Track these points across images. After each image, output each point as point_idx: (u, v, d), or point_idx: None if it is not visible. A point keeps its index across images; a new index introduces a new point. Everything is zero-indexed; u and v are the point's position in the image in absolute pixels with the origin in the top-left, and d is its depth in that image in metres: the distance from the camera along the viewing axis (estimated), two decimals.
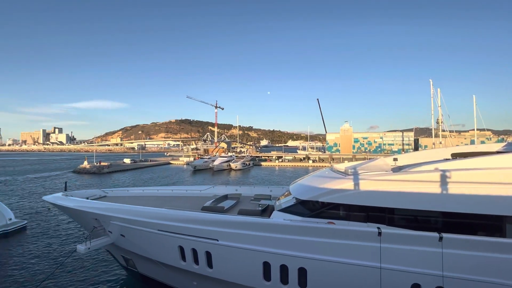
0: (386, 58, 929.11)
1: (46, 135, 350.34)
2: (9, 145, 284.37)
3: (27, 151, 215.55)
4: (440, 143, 41.73)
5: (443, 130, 42.06)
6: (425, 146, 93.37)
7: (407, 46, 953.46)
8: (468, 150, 10.56)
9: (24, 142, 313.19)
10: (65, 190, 12.27)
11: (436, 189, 6.78)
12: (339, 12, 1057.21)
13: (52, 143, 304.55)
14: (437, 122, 42.68)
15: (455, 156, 10.27)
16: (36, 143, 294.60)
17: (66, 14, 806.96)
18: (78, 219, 12.00)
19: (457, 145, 13.60)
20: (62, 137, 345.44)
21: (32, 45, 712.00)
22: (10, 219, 18.76)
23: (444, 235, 6.20)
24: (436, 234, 6.25)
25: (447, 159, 9.30)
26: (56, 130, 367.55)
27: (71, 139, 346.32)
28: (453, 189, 6.65)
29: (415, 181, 7.05)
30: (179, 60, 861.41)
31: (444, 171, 6.92)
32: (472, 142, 75.16)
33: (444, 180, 6.77)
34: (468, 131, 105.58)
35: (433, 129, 45.24)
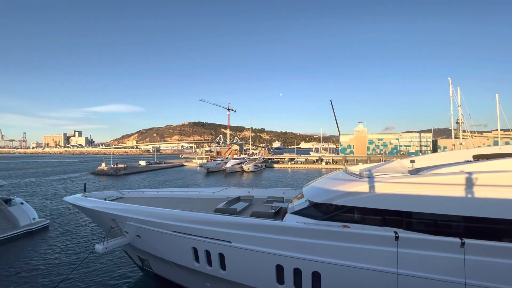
0: (402, 57, 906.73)
1: (67, 138, 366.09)
2: (33, 148, 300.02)
3: (50, 153, 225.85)
4: (461, 144, 39.95)
5: (464, 131, 40.22)
6: (445, 148, 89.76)
7: (424, 44, 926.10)
8: (492, 152, 10.12)
9: (47, 145, 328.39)
10: (84, 191, 12.73)
11: (457, 192, 6.48)
12: (352, 10, 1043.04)
13: (72, 146, 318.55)
14: (457, 122, 40.84)
15: (478, 157, 9.84)
16: (58, 146, 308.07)
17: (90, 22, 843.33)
18: (96, 219, 12.41)
19: (479, 146, 12.99)
20: (82, 140, 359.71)
21: (56, 53, 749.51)
22: (34, 218, 19.79)
23: (466, 240, 5.92)
24: (457, 240, 5.98)
25: (469, 161, 8.90)
26: (76, 134, 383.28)
27: (90, 142, 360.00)
28: (476, 192, 6.35)
29: (435, 183, 6.76)
30: (192, 63, 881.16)
31: (466, 173, 6.63)
32: (496, 143, 71.62)
33: (466, 183, 6.47)
34: (491, 131, 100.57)
35: (452, 130, 43.39)
